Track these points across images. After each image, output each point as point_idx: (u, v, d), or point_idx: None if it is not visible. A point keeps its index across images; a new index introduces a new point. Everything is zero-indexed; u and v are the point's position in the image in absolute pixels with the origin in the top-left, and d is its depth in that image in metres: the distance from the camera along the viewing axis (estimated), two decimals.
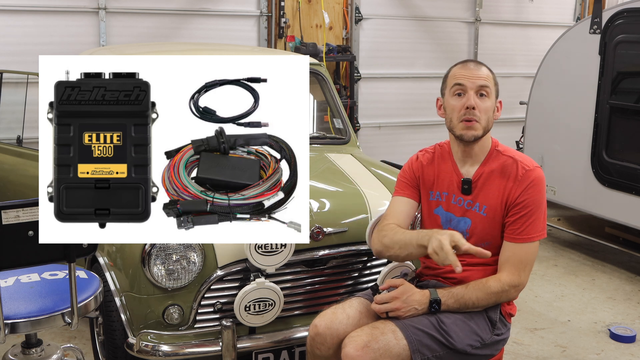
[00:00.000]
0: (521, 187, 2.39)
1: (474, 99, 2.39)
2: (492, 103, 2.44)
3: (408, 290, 2.34)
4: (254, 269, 2.77)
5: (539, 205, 2.39)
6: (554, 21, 7.80)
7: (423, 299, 2.32)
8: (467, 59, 2.53)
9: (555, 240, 5.73)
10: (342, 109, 4.11)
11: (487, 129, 2.44)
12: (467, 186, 2.47)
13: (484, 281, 2.37)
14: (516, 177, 2.40)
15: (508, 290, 2.37)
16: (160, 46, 4.98)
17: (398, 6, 7.03)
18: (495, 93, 2.46)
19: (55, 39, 5.71)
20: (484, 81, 2.41)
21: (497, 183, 2.43)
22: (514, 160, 2.44)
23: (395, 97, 7.14)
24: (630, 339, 3.85)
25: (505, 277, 2.37)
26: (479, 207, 2.44)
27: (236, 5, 6.37)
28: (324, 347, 2.34)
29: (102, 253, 2.95)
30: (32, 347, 2.53)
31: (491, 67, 2.50)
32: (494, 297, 2.36)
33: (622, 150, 4.90)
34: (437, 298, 2.32)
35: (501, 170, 2.44)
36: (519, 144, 6.83)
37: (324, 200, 3.06)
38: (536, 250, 2.41)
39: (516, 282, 2.37)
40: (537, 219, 2.38)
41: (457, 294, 2.34)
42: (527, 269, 2.39)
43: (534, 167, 2.43)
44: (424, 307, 2.32)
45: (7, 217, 2.18)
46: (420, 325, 2.28)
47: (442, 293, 2.34)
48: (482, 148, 2.47)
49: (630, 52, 4.80)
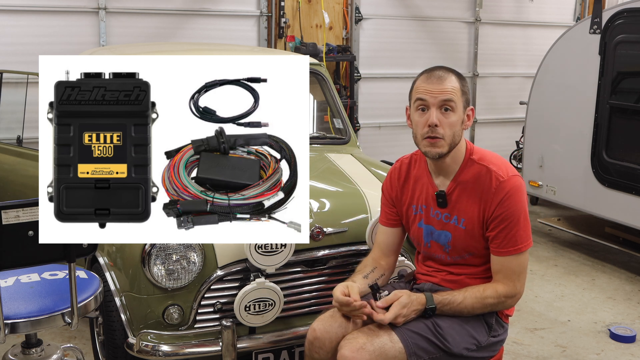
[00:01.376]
0: (496, 200, 2.31)
1: (437, 115, 2.28)
2: (459, 116, 2.32)
3: (406, 302, 2.29)
4: (254, 269, 2.77)
5: (518, 215, 2.31)
6: (554, 21, 7.81)
7: (419, 307, 2.30)
8: (434, 67, 2.37)
9: (555, 240, 5.73)
10: (342, 109, 4.11)
11: (453, 144, 2.33)
12: (441, 199, 2.41)
13: (482, 290, 2.34)
14: (489, 189, 2.32)
15: (504, 302, 2.36)
16: (160, 46, 4.98)
17: (398, 6, 7.03)
18: (464, 103, 2.34)
19: (55, 39, 5.71)
20: (448, 95, 2.28)
21: (473, 196, 2.36)
22: (488, 170, 2.34)
23: (395, 97, 7.13)
24: (630, 339, 3.85)
25: (502, 289, 2.34)
26: (457, 221, 2.40)
27: (236, 5, 6.38)
28: (322, 350, 2.34)
29: (102, 253, 2.95)
30: (32, 347, 2.53)
31: (491, 67, 2.46)
32: (489, 307, 2.36)
33: (622, 150, 4.90)
34: (432, 306, 2.31)
35: (475, 182, 2.36)
36: (519, 144, 6.83)
37: (324, 200, 3.06)
38: (526, 259, 2.37)
39: (512, 292, 2.35)
40: (518, 230, 2.32)
41: (453, 302, 2.32)
42: (521, 278, 2.36)
43: (508, 177, 2.32)
44: (421, 312, 2.31)
45: (7, 217, 2.18)
46: (416, 328, 2.28)
47: (438, 300, 2.32)
48: (454, 159, 2.39)
49: (630, 52, 4.80)
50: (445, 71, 2.34)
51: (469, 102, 2.37)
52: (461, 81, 2.35)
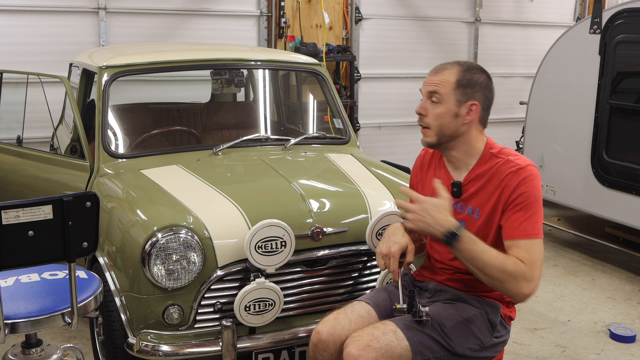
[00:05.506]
0: (513, 184, 2.29)
1: (424, 104, 2.38)
2: (447, 108, 2.33)
3: (438, 205, 2.24)
4: (254, 269, 2.77)
5: (534, 201, 2.27)
6: (554, 21, 7.81)
7: (444, 222, 2.22)
8: (442, 63, 2.46)
9: (555, 240, 5.73)
10: (342, 109, 4.11)
11: (442, 135, 2.36)
12: (456, 189, 2.41)
13: (505, 256, 2.22)
14: (507, 175, 2.31)
15: (520, 280, 2.19)
16: (160, 46, 4.98)
17: (398, 6, 7.03)
18: (460, 96, 2.33)
19: (55, 39, 5.71)
20: (434, 87, 2.35)
21: (489, 186, 2.35)
22: (507, 160, 2.35)
23: (395, 97, 7.14)
24: (630, 339, 3.85)
25: (522, 265, 2.20)
26: (472, 210, 2.39)
27: (236, 5, 6.38)
28: (326, 353, 2.33)
29: (102, 253, 2.95)
30: (32, 347, 2.53)
31: (491, 67, 2.45)
32: (505, 275, 2.19)
33: (622, 150, 4.90)
34: (457, 233, 2.19)
35: (492, 172, 2.35)
36: (519, 144, 6.83)
37: (324, 200, 3.06)
38: (541, 248, 2.26)
39: (529, 275, 2.19)
40: (534, 215, 2.27)
41: (477, 248, 2.20)
42: (537, 266, 2.22)
43: (526, 165, 2.32)
44: (440, 230, 2.22)
45: (7, 217, 2.18)
46: (421, 327, 2.27)
47: (466, 236, 2.21)
48: (467, 154, 2.40)
49: (630, 52, 4.80)
50: (452, 64, 2.39)
51: (471, 96, 2.35)
52: (463, 74, 2.35)
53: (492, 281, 2.22)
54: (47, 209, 2.24)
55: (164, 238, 2.70)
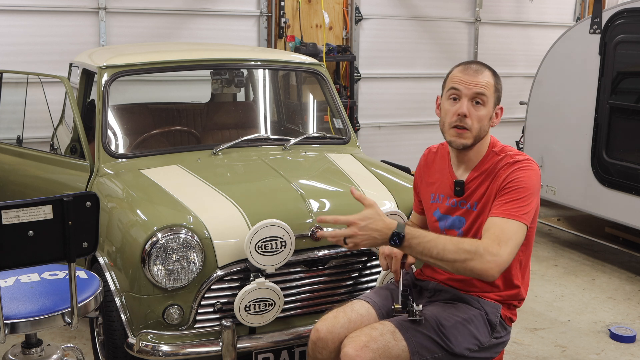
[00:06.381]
0: (508, 171, 2.32)
1: (468, 106, 2.32)
2: (488, 111, 2.35)
3: (370, 216, 2.18)
4: (254, 269, 2.77)
5: (525, 187, 2.26)
6: (554, 21, 7.81)
7: (385, 230, 2.15)
8: (471, 61, 2.44)
9: (555, 240, 5.73)
10: (342, 109, 4.11)
11: (478, 137, 2.36)
12: (459, 188, 2.43)
13: (459, 238, 2.23)
14: (504, 165, 2.34)
15: (483, 255, 2.11)
16: (160, 46, 4.98)
17: (398, 6, 7.03)
18: (495, 100, 2.38)
19: (55, 39, 5.72)
20: (482, 89, 2.32)
21: (488, 180, 2.38)
22: (506, 155, 2.38)
23: (395, 97, 7.14)
24: (630, 339, 3.85)
25: (483, 242, 2.15)
26: (470, 205, 2.41)
27: (236, 5, 6.38)
28: (325, 351, 2.34)
29: (102, 253, 2.95)
30: (32, 347, 2.53)
31: (491, 67, 2.45)
32: (464, 254, 2.12)
33: (622, 150, 4.90)
34: (400, 232, 2.14)
35: (492, 168, 2.38)
36: (519, 144, 6.83)
37: (324, 200, 3.06)
38: (520, 230, 2.21)
39: (494, 250, 2.12)
40: (521, 200, 2.25)
41: (425, 237, 2.16)
42: (509, 244, 2.16)
43: (524, 159, 2.35)
44: (384, 237, 2.15)
45: (7, 217, 2.18)
46: (419, 327, 2.28)
47: (410, 230, 2.16)
48: (476, 153, 2.42)
49: (630, 52, 4.80)
50: (482, 66, 2.39)
51: (499, 101, 2.41)
52: (495, 78, 2.39)
53: (456, 265, 2.14)
54: (47, 209, 2.24)
55: (164, 238, 2.70)
